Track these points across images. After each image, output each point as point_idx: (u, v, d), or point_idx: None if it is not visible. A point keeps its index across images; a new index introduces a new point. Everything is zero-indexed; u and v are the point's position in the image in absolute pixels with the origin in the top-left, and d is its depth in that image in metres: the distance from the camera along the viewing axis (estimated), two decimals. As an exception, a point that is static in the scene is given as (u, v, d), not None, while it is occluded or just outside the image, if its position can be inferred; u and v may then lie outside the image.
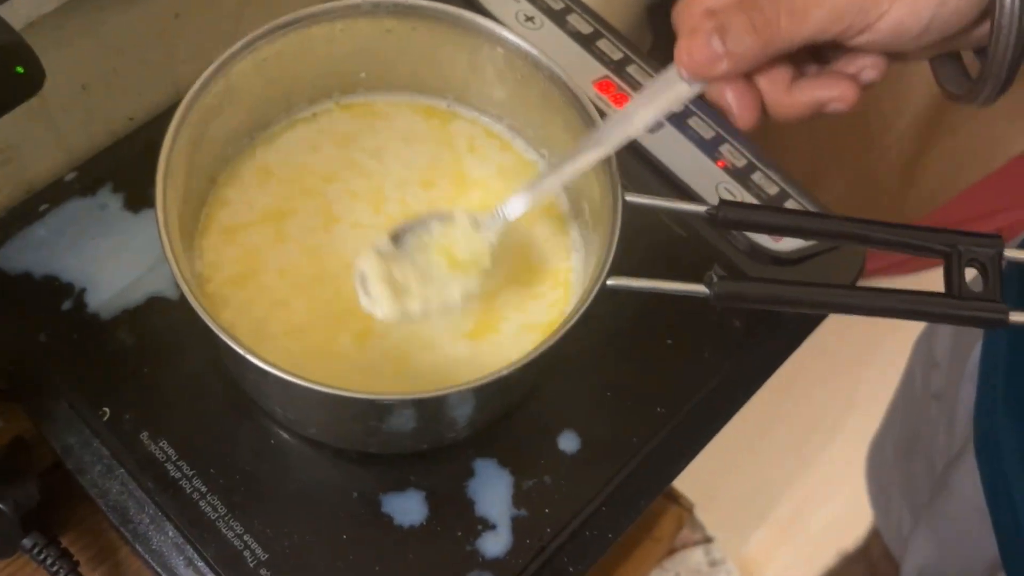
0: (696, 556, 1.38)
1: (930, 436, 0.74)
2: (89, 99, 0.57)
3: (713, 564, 1.38)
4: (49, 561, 0.52)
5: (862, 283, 0.81)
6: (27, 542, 0.52)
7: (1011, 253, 0.43)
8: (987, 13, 0.37)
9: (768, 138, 0.70)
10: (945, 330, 0.74)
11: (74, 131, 0.58)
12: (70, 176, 0.58)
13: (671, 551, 1.38)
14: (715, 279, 0.44)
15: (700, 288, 0.44)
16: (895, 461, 0.82)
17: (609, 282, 0.45)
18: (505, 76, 0.53)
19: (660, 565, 1.36)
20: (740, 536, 1.39)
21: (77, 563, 0.53)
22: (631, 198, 0.47)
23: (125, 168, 0.58)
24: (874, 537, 0.98)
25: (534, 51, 0.50)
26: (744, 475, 1.38)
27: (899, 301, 0.43)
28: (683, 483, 1.03)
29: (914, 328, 0.86)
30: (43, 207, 0.57)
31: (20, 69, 0.41)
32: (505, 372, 0.42)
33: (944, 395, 0.71)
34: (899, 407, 0.85)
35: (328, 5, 0.50)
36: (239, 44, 0.48)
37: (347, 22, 0.51)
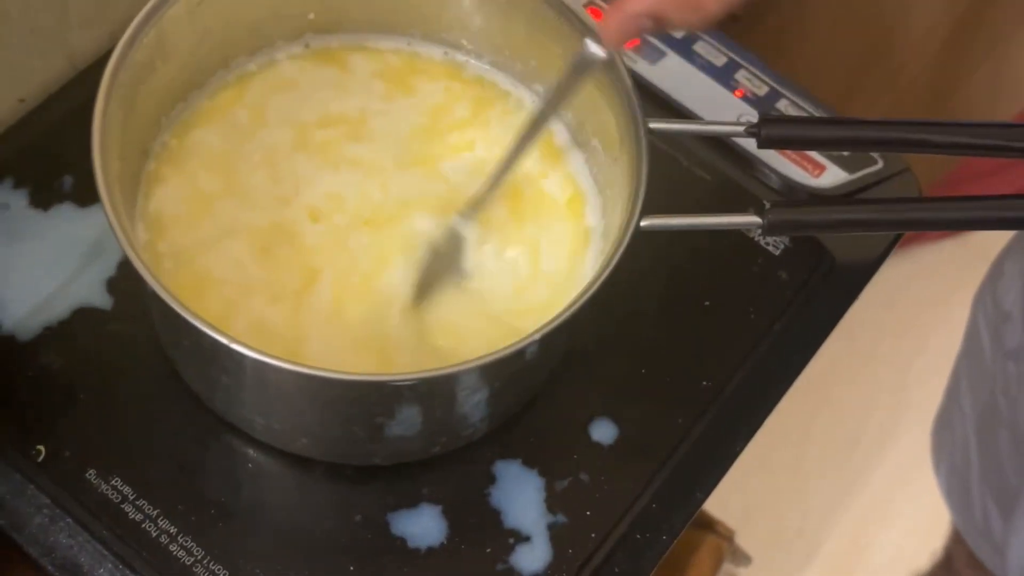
0: (734, 614, 1.41)
1: (1011, 403, 0.78)
2: (-27, 79, 0.60)
3: (755, 622, 1.41)
4: (-17, 644, 0.54)
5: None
6: (-47, 624, 0.54)
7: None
8: None
9: (789, 68, 0.75)
10: (1013, 275, 0.79)
11: (-44, 119, 0.61)
12: (-45, 174, 0.61)
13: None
14: (767, 206, 0.48)
15: (751, 219, 0.48)
16: (970, 441, 0.86)
17: (643, 223, 0.48)
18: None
19: (690, 629, 1.39)
20: (785, 583, 1.43)
21: (16, 644, 0.54)
22: (655, 124, 0.51)
23: (25, 159, 0.61)
24: (954, 544, 1.02)
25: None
26: (782, 508, 1.43)
27: (986, 208, 0.47)
28: (717, 512, 1.07)
29: (965, 303, 0.91)
30: (-72, 214, 0.59)
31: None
32: (538, 336, 0.46)
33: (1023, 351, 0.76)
34: (964, 377, 0.88)
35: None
36: (171, -16, 0.51)
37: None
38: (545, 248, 0.56)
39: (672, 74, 0.67)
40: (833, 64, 1.21)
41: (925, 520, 1.07)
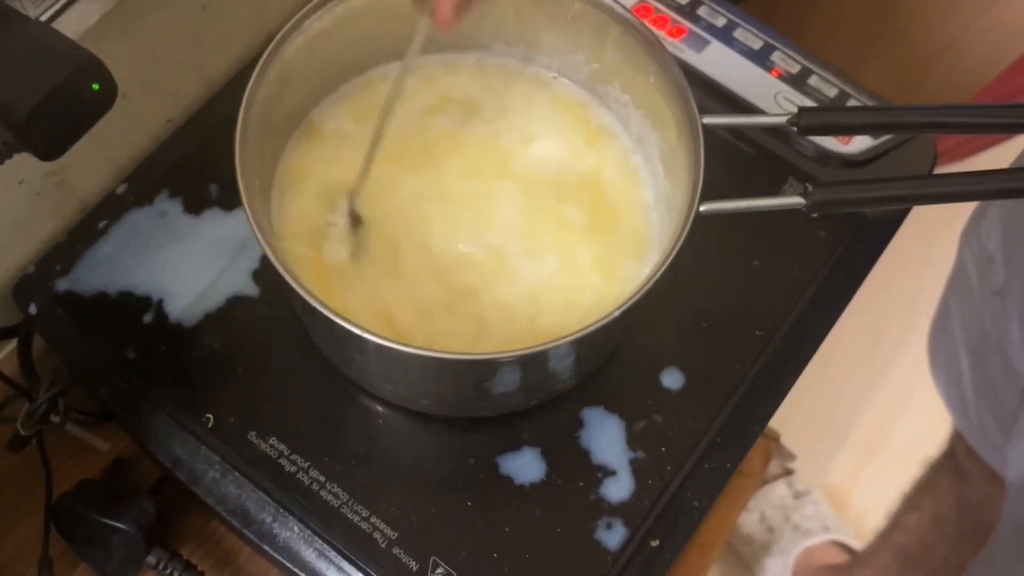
0: (779, 490, 1.40)
1: (1000, 334, 0.74)
2: (129, 107, 0.59)
3: (798, 496, 1.40)
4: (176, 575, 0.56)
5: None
6: (151, 559, 0.56)
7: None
8: None
9: (804, 24, 0.72)
10: (992, 222, 0.75)
11: (117, 141, 0.61)
12: (121, 188, 0.61)
13: (751, 489, 1.41)
14: (809, 188, 0.47)
15: (796, 200, 0.47)
16: (961, 358, 0.84)
17: (702, 208, 0.47)
18: (553, 15, 0.56)
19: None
20: (821, 464, 1.43)
21: (202, 573, 0.56)
22: (709, 120, 0.50)
23: (176, 172, 0.61)
24: (957, 439, 1.00)
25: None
26: (815, 401, 1.42)
27: (992, 181, 0.45)
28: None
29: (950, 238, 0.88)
30: (102, 224, 0.60)
31: (96, 86, 0.43)
32: (618, 312, 0.45)
33: (1008, 292, 0.72)
34: (953, 303, 0.85)
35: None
36: (288, 26, 0.51)
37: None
38: (616, 229, 0.56)
39: (715, 61, 0.65)
40: (845, 25, 1.17)
41: (933, 415, 1.05)
